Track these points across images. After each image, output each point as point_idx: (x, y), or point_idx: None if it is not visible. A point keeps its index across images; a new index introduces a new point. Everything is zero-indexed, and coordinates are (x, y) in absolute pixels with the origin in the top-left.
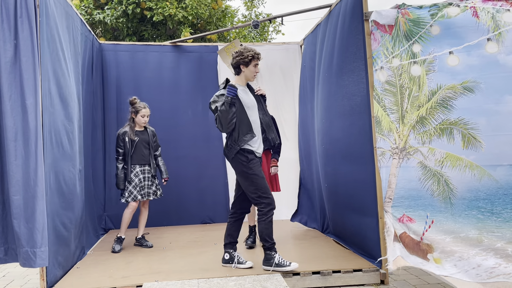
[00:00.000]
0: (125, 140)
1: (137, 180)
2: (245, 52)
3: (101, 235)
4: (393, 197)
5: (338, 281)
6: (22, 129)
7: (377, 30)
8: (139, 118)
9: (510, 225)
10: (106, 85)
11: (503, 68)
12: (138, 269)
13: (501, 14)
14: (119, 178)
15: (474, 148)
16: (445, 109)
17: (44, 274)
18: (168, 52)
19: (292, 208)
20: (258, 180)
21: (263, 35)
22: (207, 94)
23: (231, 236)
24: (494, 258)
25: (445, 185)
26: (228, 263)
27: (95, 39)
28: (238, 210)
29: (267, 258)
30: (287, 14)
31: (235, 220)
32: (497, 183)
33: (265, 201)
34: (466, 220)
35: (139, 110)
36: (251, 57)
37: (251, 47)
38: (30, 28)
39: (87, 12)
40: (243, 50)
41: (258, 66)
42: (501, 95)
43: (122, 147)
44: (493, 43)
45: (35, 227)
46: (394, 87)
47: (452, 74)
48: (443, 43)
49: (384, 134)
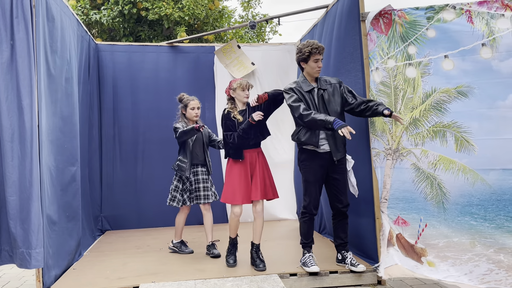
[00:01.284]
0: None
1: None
2: (303, 48)
3: (97, 236)
4: (388, 197)
5: (335, 281)
6: (18, 129)
7: (373, 31)
8: (189, 112)
9: (502, 231)
10: (102, 85)
11: (496, 74)
12: (135, 270)
13: (495, 20)
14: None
15: (467, 151)
16: (438, 112)
17: (40, 275)
18: (164, 52)
19: (288, 208)
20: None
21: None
22: (204, 94)
23: (338, 237)
24: (487, 263)
25: (438, 189)
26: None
27: (92, 39)
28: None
29: (302, 253)
30: (284, 14)
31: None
32: (490, 188)
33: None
34: (459, 226)
35: (188, 103)
36: (308, 52)
37: (312, 40)
38: (26, 28)
39: (83, 13)
40: (301, 46)
41: (320, 60)
42: (494, 100)
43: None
44: (488, 49)
45: (30, 228)
46: (388, 88)
47: (447, 78)
48: (438, 46)
49: (378, 135)
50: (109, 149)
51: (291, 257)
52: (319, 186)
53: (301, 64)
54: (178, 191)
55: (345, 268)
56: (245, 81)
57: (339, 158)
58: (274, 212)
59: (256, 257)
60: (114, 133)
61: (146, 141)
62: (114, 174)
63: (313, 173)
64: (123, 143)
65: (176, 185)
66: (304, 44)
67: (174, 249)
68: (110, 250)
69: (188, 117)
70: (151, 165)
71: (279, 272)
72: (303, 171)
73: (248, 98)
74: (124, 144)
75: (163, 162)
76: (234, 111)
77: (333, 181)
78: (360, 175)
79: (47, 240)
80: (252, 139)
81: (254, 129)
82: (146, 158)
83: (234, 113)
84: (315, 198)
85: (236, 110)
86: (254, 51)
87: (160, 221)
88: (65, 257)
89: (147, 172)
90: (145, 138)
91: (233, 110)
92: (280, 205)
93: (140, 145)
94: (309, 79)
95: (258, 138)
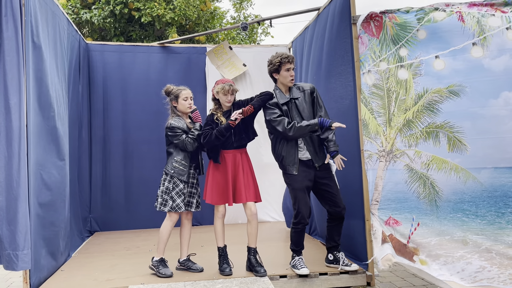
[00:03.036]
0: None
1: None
2: (273, 60)
3: (86, 237)
4: (380, 199)
5: (325, 283)
6: (5, 129)
7: (364, 34)
8: (181, 103)
9: (494, 227)
10: (92, 85)
11: (488, 72)
12: (124, 272)
13: (486, 19)
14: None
15: (459, 151)
16: (431, 113)
17: (27, 277)
18: (156, 53)
19: (278, 209)
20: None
21: (251, 37)
22: (195, 95)
23: (333, 239)
24: (479, 260)
25: (431, 188)
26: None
27: (82, 39)
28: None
29: (291, 257)
30: (276, 16)
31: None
32: (482, 186)
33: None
34: (451, 223)
35: (179, 93)
36: (278, 62)
37: (281, 51)
38: (15, 27)
39: (74, 12)
40: (271, 58)
41: (292, 69)
42: (486, 99)
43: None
44: (478, 48)
45: (17, 229)
46: (381, 90)
47: (438, 78)
48: (429, 47)
49: (371, 137)
50: (99, 149)
51: (281, 259)
52: (308, 192)
53: (274, 76)
54: (170, 194)
55: (337, 268)
56: (227, 85)
57: (320, 164)
58: (263, 213)
59: (255, 262)
60: (104, 134)
61: (136, 142)
62: (104, 175)
63: (299, 180)
64: (113, 144)
65: (167, 188)
66: (274, 55)
67: (152, 268)
68: (99, 252)
69: (181, 109)
70: (141, 166)
71: (269, 274)
72: (288, 180)
73: (230, 103)
74: (114, 144)
75: (153, 163)
76: (218, 113)
77: (324, 186)
78: (350, 177)
79: (36, 241)
80: (237, 141)
81: (239, 130)
82: (136, 159)
83: (217, 115)
84: (305, 205)
85: (221, 112)
86: (245, 52)
87: (150, 223)
88: (53, 259)
89: (137, 173)
90: (135, 138)
91: (217, 111)
92: (270, 206)
93: (130, 146)
94: (283, 89)
95: (242, 140)
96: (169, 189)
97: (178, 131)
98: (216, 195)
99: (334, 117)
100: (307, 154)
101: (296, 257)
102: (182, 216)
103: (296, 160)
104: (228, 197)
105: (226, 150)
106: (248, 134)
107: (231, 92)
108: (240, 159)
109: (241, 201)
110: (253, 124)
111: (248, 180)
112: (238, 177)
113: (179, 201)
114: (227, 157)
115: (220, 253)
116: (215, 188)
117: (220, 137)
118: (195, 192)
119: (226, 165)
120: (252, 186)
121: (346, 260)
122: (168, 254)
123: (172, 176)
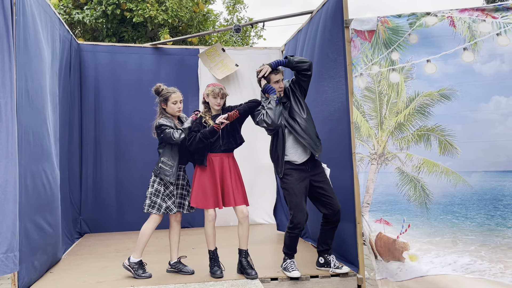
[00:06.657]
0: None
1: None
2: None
3: (76, 239)
4: (371, 202)
5: (316, 286)
6: None
7: (357, 38)
8: (171, 106)
9: (483, 229)
10: (84, 86)
11: (479, 77)
12: (114, 274)
13: (477, 24)
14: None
15: (450, 154)
16: (422, 116)
17: (15, 279)
18: (148, 54)
19: (270, 213)
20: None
21: (244, 40)
22: (187, 97)
23: (326, 243)
24: (469, 257)
25: (421, 191)
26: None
27: (74, 39)
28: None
29: (283, 259)
30: (269, 19)
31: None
32: (472, 189)
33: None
34: (441, 224)
35: (169, 97)
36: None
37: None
38: (6, 26)
39: (65, 12)
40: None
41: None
42: (477, 103)
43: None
44: (469, 53)
45: (6, 231)
46: (373, 93)
47: (430, 81)
48: (421, 51)
49: (363, 140)
50: (90, 150)
51: (272, 262)
52: (304, 197)
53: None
54: (159, 196)
55: (328, 271)
56: (217, 89)
57: (319, 154)
58: (255, 216)
59: (246, 264)
60: (95, 135)
61: (127, 143)
62: (94, 176)
63: (295, 185)
64: (103, 145)
65: (157, 189)
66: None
67: (128, 268)
68: (89, 253)
69: (170, 112)
70: (132, 167)
71: (260, 277)
72: (284, 185)
73: (219, 107)
74: (104, 145)
75: (144, 165)
76: (206, 116)
77: (320, 189)
78: (341, 180)
79: (24, 243)
80: (225, 144)
81: (227, 134)
82: (127, 160)
83: (206, 118)
84: (301, 211)
85: (210, 115)
86: (238, 54)
87: (141, 224)
88: (42, 261)
89: (128, 174)
90: (126, 140)
91: (206, 115)
92: (262, 209)
93: (121, 147)
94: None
95: (230, 144)
96: (158, 190)
97: (166, 126)
98: (205, 199)
99: (325, 119)
100: (303, 156)
101: (288, 259)
102: (171, 218)
103: (293, 162)
104: (218, 200)
105: (214, 154)
106: (236, 139)
107: (221, 96)
108: (227, 163)
109: (230, 205)
110: (240, 129)
111: (237, 184)
112: (225, 181)
113: (170, 203)
114: (215, 160)
115: (211, 256)
116: (201, 192)
117: (204, 140)
118: (187, 194)
119: (213, 169)
120: (240, 189)
121: (337, 262)
122: (159, 256)
123: (158, 176)
